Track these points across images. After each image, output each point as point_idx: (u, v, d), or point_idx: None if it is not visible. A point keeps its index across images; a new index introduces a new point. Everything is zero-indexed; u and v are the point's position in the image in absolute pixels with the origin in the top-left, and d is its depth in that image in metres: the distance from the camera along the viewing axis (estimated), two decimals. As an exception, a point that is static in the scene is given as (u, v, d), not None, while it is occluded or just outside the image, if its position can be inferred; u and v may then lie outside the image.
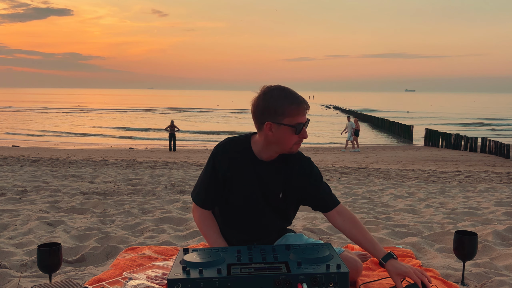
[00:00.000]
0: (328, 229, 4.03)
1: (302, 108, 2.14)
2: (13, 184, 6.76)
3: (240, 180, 2.29)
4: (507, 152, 19.63)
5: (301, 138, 2.18)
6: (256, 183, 2.29)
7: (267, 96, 2.14)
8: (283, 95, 2.13)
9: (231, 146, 2.30)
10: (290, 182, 2.33)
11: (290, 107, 2.12)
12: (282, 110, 2.12)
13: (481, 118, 50.22)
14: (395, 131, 34.07)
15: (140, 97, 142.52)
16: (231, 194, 2.32)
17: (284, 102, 2.12)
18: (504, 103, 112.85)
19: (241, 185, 2.29)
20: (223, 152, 2.29)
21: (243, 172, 2.28)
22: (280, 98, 2.13)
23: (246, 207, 2.33)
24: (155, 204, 5.47)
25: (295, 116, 2.13)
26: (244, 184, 2.29)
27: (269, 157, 2.28)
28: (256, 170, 2.28)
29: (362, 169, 11.51)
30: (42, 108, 67.36)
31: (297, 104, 2.12)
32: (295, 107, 2.12)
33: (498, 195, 6.64)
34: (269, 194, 2.32)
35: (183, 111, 62.81)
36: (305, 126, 2.17)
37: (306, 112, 2.17)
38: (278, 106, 2.12)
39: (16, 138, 28.27)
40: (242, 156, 2.28)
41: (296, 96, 2.15)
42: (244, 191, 2.30)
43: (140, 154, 17.77)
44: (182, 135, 29.22)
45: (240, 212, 2.35)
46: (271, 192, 2.31)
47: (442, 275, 2.67)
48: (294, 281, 1.88)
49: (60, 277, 2.66)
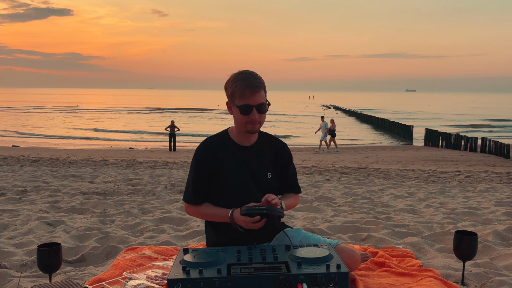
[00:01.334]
0: (328, 229, 4.03)
1: (248, 91, 2.28)
2: (13, 184, 6.76)
3: (226, 167, 2.41)
4: (507, 152, 19.62)
5: (249, 119, 2.32)
6: (242, 167, 2.42)
7: (229, 78, 2.37)
8: (236, 78, 2.34)
9: (211, 141, 2.47)
10: (275, 163, 2.51)
11: (237, 89, 2.30)
12: (232, 91, 2.33)
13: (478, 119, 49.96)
14: (395, 131, 34.08)
15: (140, 97, 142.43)
16: (221, 182, 2.42)
17: (234, 84, 2.32)
18: (503, 103, 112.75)
19: (228, 172, 2.41)
20: (204, 148, 2.44)
21: (227, 160, 2.42)
22: (233, 81, 2.33)
23: (238, 192, 2.42)
24: (155, 204, 5.47)
25: (242, 98, 2.30)
26: (231, 170, 2.41)
27: (247, 140, 2.45)
28: (239, 155, 2.43)
29: (362, 169, 11.51)
30: (42, 108, 67.31)
31: (244, 86, 2.28)
32: (241, 88, 2.29)
33: (498, 195, 6.64)
34: (257, 176, 2.45)
35: (181, 111, 62.72)
36: (256, 109, 2.30)
37: (253, 95, 2.29)
38: (230, 87, 2.34)
39: (16, 138, 28.28)
40: (223, 146, 2.44)
41: (246, 79, 2.30)
42: (232, 177, 2.41)
43: (140, 154, 17.77)
44: (182, 134, 29.22)
45: (233, 200, 2.42)
46: (259, 173, 2.45)
47: (442, 275, 2.67)
48: (294, 281, 1.88)
49: (60, 277, 2.66)
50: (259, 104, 2.31)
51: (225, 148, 2.44)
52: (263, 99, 2.34)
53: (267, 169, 2.48)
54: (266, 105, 2.36)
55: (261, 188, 2.45)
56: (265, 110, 2.35)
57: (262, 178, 2.46)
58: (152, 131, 34.74)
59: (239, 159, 2.43)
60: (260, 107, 2.32)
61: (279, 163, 2.54)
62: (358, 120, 49.18)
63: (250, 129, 2.36)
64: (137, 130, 35.79)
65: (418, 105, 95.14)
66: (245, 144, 2.46)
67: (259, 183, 2.45)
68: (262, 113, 2.34)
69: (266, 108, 2.36)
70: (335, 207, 5.42)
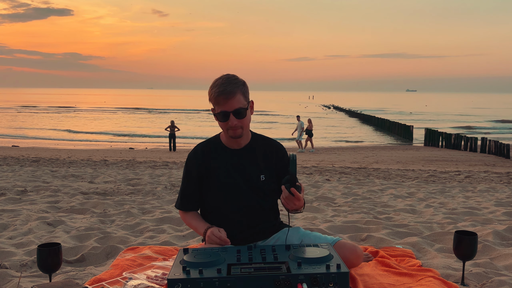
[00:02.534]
0: (328, 229, 4.03)
1: (221, 97, 2.25)
2: (13, 184, 6.76)
3: (217, 172, 2.41)
4: (507, 152, 19.62)
5: (228, 125, 2.30)
6: (233, 171, 2.41)
7: (210, 85, 2.34)
8: (213, 85, 2.30)
9: (201, 146, 2.47)
10: (268, 165, 2.46)
11: (212, 96, 2.30)
12: (209, 98, 2.34)
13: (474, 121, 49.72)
14: (395, 131, 34.08)
15: (139, 98, 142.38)
16: (213, 187, 2.42)
17: (211, 91, 2.31)
18: (501, 104, 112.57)
19: (219, 176, 2.40)
20: (194, 155, 2.45)
21: (218, 164, 2.41)
22: (211, 87, 2.35)
23: (230, 196, 2.41)
24: (155, 204, 5.47)
25: (217, 105, 2.30)
26: (221, 174, 2.40)
27: (237, 144, 2.42)
28: (230, 159, 2.42)
29: (362, 169, 11.51)
30: (42, 108, 67.23)
31: (217, 93, 2.26)
32: (215, 96, 2.28)
33: (498, 195, 6.64)
34: (249, 179, 2.42)
35: (183, 112, 62.48)
36: (233, 115, 2.26)
37: (228, 101, 2.25)
38: (209, 94, 2.33)
39: (16, 138, 28.26)
40: (214, 150, 2.44)
41: (220, 85, 2.27)
42: (224, 181, 2.40)
43: (140, 154, 17.76)
44: (182, 135, 29.18)
45: (226, 204, 2.42)
46: (251, 176, 2.42)
47: (442, 275, 2.67)
48: (294, 281, 1.88)
49: (60, 277, 2.66)
50: (235, 110, 2.27)
51: (216, 152, 2.44)
52: (240, 103, 2.28)
53: (259, 172, 2.44)
54: (244, 110, 2.29)
55: (255, 191, 2.43)
56: (243, 115, 2.30)
57: (254, 181, 2.43)
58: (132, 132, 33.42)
59: (230, 163, 2.41)
60: (237, 113, 2.27)
61: (274, 165, 2.48)
62: (358, 120, 49.19)
63: (231, 134, 2.33)
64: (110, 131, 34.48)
65: (416, 106, 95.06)
66: (235, 147, 2.44)
67: (252, 186, 2.42)
68: (240, 118, 2.29)
69: (244, 113, 2.30)
70: (335, 207, 5.42)
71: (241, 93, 2.30)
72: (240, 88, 2.30)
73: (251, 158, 2.44)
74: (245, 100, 2.32)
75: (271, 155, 2.48)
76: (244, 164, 2.42)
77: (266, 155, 2.47)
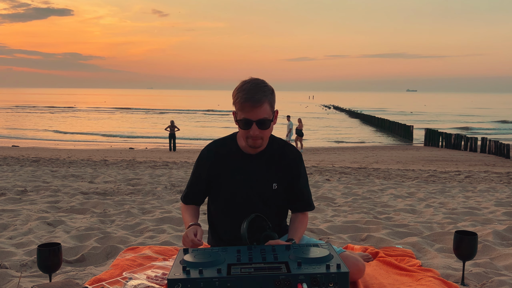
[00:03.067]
0: (328, 229, 4.03)
1: (247, 104, 2.14)
2: (13, 184, 6.76)
3: (227, 176, 2.33)
4: (507, 152, 19.62)
5: (249, 134, 2.20)
6: (244, 178, 2.32)
7: (236, 87, 2.23)
8: (240, 88, 2.19)
9: (216, 147, 2.38)
10: (282, 173, 2.36)
11: (237, 101, 2.18)
12: (234, 102, 2.21)
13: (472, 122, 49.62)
14: (395, 131, 34.08)
15: (139, 98, 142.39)
16: (221, 192, 2.36)
17: (236, 95, 2.19)
18: (500, 104, 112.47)
19: (229, 182, 2.33)
20: (207, 154, 2.37)
21: (230, 168, 2.33)
22: (237, 90, 2.20)
23: (238, 201, 2.34)
24: (155, 204, 5.47)
25: (242, 111, 2.17)
26: (232, 180, 2.33)
27: (252, 149, 2.31)
28: (243, 165, 2.33)
29: (362, 169, 11.51)
30: (42, 108, 67.19)
31: (244, 99, 2.14)
32: (241, 101, 2.15)
33: (498, 195, 6.63)
34: (260, 187, 2.33)
35: (183, 113, 62.40)
36: (256, 124, 2.16)
37: (254, 109, 2.14)
38: (234, 97, 2.21)
39: (16, 138, 28.24)
40: (228, 152, 2.34)
41: (249, 91, 2.15)
42: (233, 187, 2.33)
43: (140, 154, 17.76)
44: (182, 134, 29.17)
45: (232, 211, 2.36)
46: (263, 184, 2.34)
47: (442, 275, 2.67)
48: (294, 281, 1.88)
49: (60, 277, 2.66)
50: (260, 120, 2.16)
51: (230, 155, 2.33)
52: (265, 113, 2.17)
53: (272, 180, 2.34)
54: (268, 121, 2.19)
55: (264, 200, 2.34)
56: (267, 126, 2.19)
57: (266, 189, 2.34)
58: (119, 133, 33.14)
59: (243, 169, 2.31)
60: (261, 123, 2.17)
61: (289, 174, 2.37)
62: (358, 120, 49.18)
63: (251, 144, 2.23)
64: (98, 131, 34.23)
65: (417, 106, 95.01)
66: (251, 152, 2.32)
67: (262, 194, 2.33)
68: (264, 128, 2.19)
69: (268, 124, 2.19)
70: (335, 207, 5.42)
71: (269, 102, 2.18)
72: (268, 97, 2.18)
73: (266, 165, 2.34)
74: (271, 110, 2.21)
75: (286, 162, 2.37)
76: (257, 171, 2.33)
77: (281, 163, 2.36)
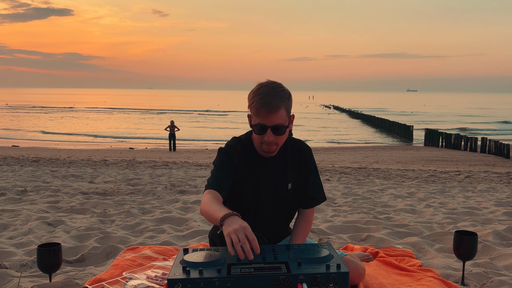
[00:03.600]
0: (328, 229, 4.03)
1: (263, 110, 2.07)
2: (13, 184, 6.76)
3: (243, 177, 2.26)
4: (507, 152, 19.63)
5: (263, 139, 2.14)
6: (260, 179, 2.27)
7: (252, 89, 2.16)
8: (256, 92, 2.11)
9: (232, 147, 2.29)
10: (297, 172, 2.33)
11: (253, 105, 2.11)
12: (249, 106, 2.15)
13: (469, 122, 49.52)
14: (395, 131, 34.09)
15: (138, 98, 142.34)
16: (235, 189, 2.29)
17: (252, 99, 2.12)
18: (498, 104, 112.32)
19: (245, 182, 2.27)
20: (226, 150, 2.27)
21: (245, 169, 2.27)
22: (253, 94, 2.12)
23: (252, 204, 2.30)
24: (155, 204, 5.47)
25: (257, 116, 2.11)
26: (247, 180, 2.27)
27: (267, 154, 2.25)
28: (259, 166, 2.27)
29: (362, 169, 11.51)
30: (42, 107, 67.17)
31: (260, 104, 2.08)
32: (256, 106, 2.09)
33: (498, 195, 6.64)
34: (275, 189, 2.29)
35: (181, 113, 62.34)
36: (271, 130, 2.10)
37: (269, 115, 2.08)
38: (249, 100, 2.14)
39: (16, 138, 28.24)
40: (244, 152, 2.27)
41: (265, 95, 2.08)
42: (248, 188, 2.27)
43: (140, 154, 17.76)
44: (182, 135, 29.16)
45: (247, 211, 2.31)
46: (279, 187, 2.29)
47: (442, 275, 2.67)
48: (294, 281, 1.88)
49: (60, 277, 2.66)
50: (275, 126, 2.10)
51: (245, 156, 2.27)
52: (281, 119, 2.10)
53: (288, 180, 2.30)
54: (284, 127, 2.13)
55: (279, 201, 2.31)
56: (282, 132, 2.13)
57: (281, 191, 2.30)
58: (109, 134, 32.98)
59: (258, 171, 2.27)
60: (276, 129, 2.11)
61: (304, 171, 2.33)
62: (358, 120, 49.21)
63: (265, 149, 2.18)
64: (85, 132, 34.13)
65: (417, 106, 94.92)
66: (265, 154, 2.25)
67: (277, 197, 2.30)
68: (279, 135, 2.13)
69: (283, 130, 2.13)
70: (335, 207, 5.42)
71: (285, 108, 2.12)
72: (285, 103, 2.11)
73: (281, 166, 2.30)
74: (287, 115, 2.14)
75: (300, 159, 2.33)
76: (272, 173, 2.28)
77: (295, 161, 2.32)
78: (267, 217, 2.34)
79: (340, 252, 2.43)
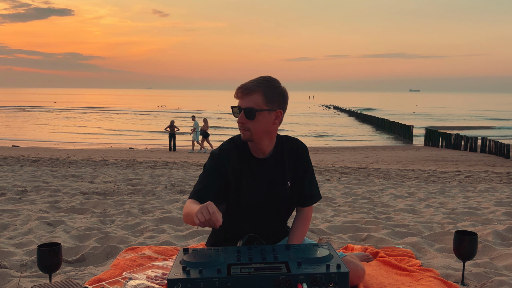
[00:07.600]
0: (328, 229, 4.03)
1: (238, 91, 2.16)
2: (13, 184, 6.76)
3: (239, 181, 2.25)
4: (507, 152, 19.64)
5: (238, 122, 2.19)
6: (257, 183, 2.27)
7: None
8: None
9: (227, 150, 2.26)
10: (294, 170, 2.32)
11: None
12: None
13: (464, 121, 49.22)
14: (395, 131, 34.09)
15: (138, 98, 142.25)
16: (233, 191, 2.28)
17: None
18: (497, 104, 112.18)
19: (241, 186, 2.26)
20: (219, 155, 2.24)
21: (241, 172, 2.25)
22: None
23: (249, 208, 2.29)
24: (155, 204, 5.47)
25: (236, 99, 2.20)
26: (244, 185, 2.26)
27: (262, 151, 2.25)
28: (255, 169, 2.26)
29: (362, 169, 11.51)
30: (42, 108, 67.13)
31: (238, 87, 2.17)
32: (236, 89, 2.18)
33: (498, 195, 6.64)
34: (273, 190, 2.29)
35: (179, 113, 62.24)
36: (244, 112, 2.14)
37: (243, 97, 2.14)
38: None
39: (16, 138, 28.22)
40: (239, 155, 2.26)
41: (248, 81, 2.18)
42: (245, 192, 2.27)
43: (140, 154, 17.76)
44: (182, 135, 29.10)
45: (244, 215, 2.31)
46: (276, 188, 2.29)
47: (442, 275, 2.67)
48: (294, 281, 1.88)
49: (60, 277, 2.66)
50: (246, 108, 2.11)
51: (240, 159, 2.25)
52: (254, 103, 2.11)
53: (285, 180, 2.30)
54: (255, 111, 2.10)
55: (277, 203, 2.31)
56: (252, 116, 2.11)
57: (278, 192, 2.29)
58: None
59: (254, 174, 2.25)
60: (247, 112, 2.12)
61: (300, 169, 2.33)
62: (358, 120, 49.19)
63: (241, 134, 2.20)
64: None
65: (417, 106, 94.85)
66: (260, 156, 2.25)
67: (274, 198, 2.29)
68: (250, 118, 2.12)
69: (254, 115, 2.10)
70: (335, 207, 5.42)
71: (262, 94, 2.12)
72: (264, 89, 2.12)
73: (277, 167, 2.29)
74: (264, 103, 2.12)
75: (296, 158, 2.33)
76: (269, 172, 2.27)
77: (292, 159, 2.32)
78: (265, 216, 2.34)
79: (340, 253, 2.43)
